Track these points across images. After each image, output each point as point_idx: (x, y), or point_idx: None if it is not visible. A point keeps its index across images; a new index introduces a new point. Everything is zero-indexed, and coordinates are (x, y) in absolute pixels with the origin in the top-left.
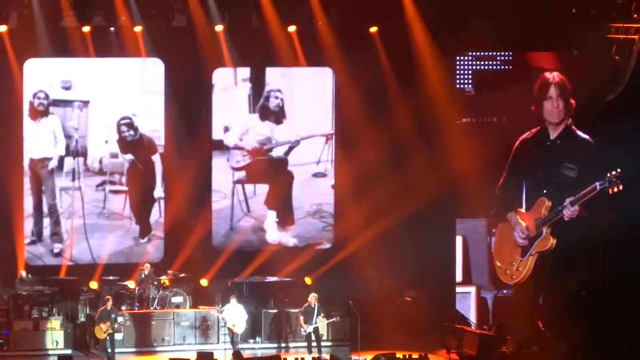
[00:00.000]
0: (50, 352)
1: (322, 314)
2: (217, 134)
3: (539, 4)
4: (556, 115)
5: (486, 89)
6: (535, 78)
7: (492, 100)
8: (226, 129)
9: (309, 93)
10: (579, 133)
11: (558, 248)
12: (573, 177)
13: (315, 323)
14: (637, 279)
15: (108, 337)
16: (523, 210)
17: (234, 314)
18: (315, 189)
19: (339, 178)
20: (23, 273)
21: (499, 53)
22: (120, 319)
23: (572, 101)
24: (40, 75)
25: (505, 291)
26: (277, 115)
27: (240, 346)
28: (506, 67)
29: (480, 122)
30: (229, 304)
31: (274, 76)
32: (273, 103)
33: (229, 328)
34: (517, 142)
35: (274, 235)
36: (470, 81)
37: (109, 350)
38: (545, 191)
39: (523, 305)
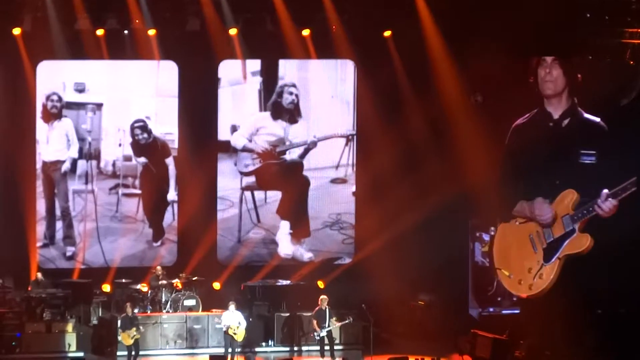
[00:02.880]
0: (63, 354)
1: (334, 317)
2: (223, 134)
3: (553, 10)
4: (550, 87)
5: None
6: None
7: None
8: (234, 129)
9: (327, 89)
10: (587, 115)
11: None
12: (593, 165)
13: (329, 326)
14: None
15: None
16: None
17: (233, 321)
18: (334, 196)
19: (360, 184)
20: (39, 275)
21: None
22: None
23: (579, 76)
24: (53, 77)
25: (491, 309)
26: (291, 114)
27: (247, 349)
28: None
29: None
30: (228, 311)
31: (288, 69)
32: (287, 99)
33: (229, 334)
34: (513, 127)
35: (287, 248)
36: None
37: (133, 353)
38: (558, 182)
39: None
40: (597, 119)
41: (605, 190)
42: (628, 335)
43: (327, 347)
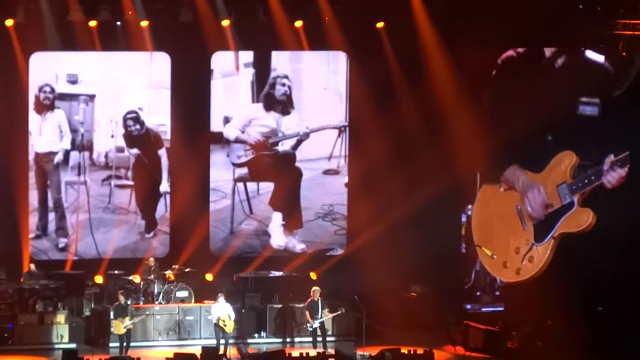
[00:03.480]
0: (55, 346)
1: (326, 308)
2: (216, 125)
3: (546, 1)
4: None
5: None
6: None
7: None
8: (226, 120)
9: (320, 80)
10: (589, 54)
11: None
12: (594, 117)
13: (321, 317)
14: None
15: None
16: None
17: (222, 313)
18: (326, 187)
19: (353, 175)
20: (32, 266)
21: None
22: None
23: None
24: (46, 69)
25: (468, 306)
26: (283, 105)
27: (239, 340)
28: None
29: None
30: (217, 303)
31: (280, 61)
32: (279, 91)
33: (219, 326)
34: (497, 67)
35: (279, 239)
36: None
37: (124, 344)
38: (550, 137)
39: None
40: (601, 58)
41: (611, 157)
42: (628, 331)
43: (319, 339)
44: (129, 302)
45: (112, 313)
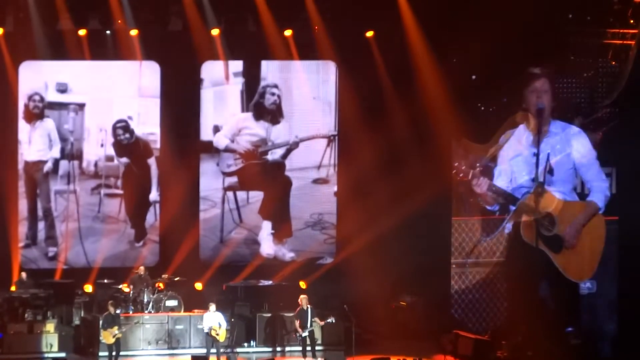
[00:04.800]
0: (45, 355)
1: (316, 317)
2: (206, 134)
3: (536, 9)
4: None
5: None
6: None
7: None
8: (216, 129)
9: (309, 90)
10: None
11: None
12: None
13: (311, 326)
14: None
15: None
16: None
17: (214, 322)
18: (315, 196)
19: (342, 184)
20: (23, 275)
21: None
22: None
23: None
24: (35, 77)
25: None
26: (273, 114)
27: (229, 350)
28: None
29: None
30: (208, 312)
31: (270, 70)
32: (269, 100)
33: (211, 335)
34: None
35: (268, 248)
36: None
37: (114, 353)
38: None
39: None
40: None
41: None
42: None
43: (309, 348)
44: (118, 312)
45: (101, 323)
